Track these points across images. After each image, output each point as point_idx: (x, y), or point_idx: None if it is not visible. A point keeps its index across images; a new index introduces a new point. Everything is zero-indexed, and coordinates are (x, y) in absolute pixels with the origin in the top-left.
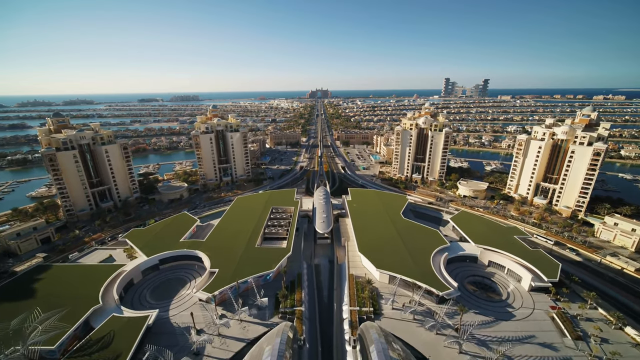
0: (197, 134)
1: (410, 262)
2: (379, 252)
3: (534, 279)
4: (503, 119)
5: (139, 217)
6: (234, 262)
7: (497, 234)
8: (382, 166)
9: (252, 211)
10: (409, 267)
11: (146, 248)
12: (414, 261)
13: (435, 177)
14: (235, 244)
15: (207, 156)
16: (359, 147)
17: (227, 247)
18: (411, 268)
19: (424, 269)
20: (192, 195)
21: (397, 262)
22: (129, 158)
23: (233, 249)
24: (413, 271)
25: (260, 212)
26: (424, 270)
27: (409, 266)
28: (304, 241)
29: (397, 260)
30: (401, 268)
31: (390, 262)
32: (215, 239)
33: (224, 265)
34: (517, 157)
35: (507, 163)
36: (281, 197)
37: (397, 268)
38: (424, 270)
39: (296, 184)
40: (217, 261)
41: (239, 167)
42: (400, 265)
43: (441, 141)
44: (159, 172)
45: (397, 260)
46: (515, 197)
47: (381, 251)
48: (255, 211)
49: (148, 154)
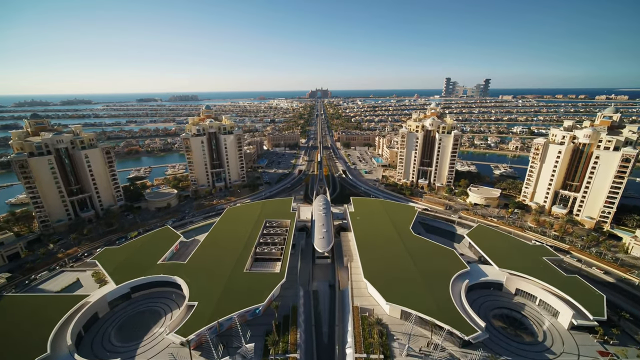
0: (188, 137)
1: (425, 292)
2: (388, 278)
3: (575, 316)
4: (507, 119)
5: (122, 228)
6: (217, 292)
7: (523, 255)
8: (385, 170)
9: (243, 225)
10: (425, 299)
11: (117, 273)
12: (430, 291)
13: (443, 182)
14: (220, 268)
15: (199, 160)
16: (360, 149)
17: (211, 271)
18: (427, 301)
19: (443, 301)
20: (182, 203)
21: (410, 291)
22: (112, 163)
23: (217, 274)
24: (430, 305)
25: (252, 227)
26: (443, 304)
27: (424, 298)
28: (301, 260)
29: (409, 290)
30: (415, 300)
31: (401, 292)
32: (199, 260)
33: (205, 296)
34: (534, 162)
35: (516, 166)
36: (276, 207)
37: (411, 300)
38: (443, 304)
39: (294, 190)
40: (197, 291)
41: (233, 171)
42: (414, 297)
43: (450, 144)
44: (150, 176)
45: (410, 289)
46: (531, 205)
47: (390, 277)
48: (246, 225)
49: (141, 156)
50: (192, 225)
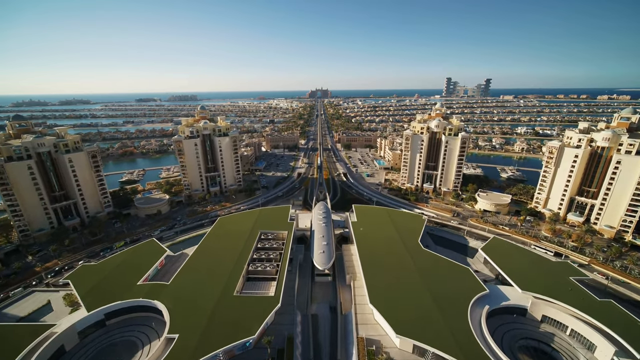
0: (180, 139)
1: (441, 322)
2: (397, 303)
3: (618, 353)
4: (510, 119)
5: (108, 238)
6: (201, 321)
7: (546, 273)
8: (388, 173)
9: (235, 237)
10: (441, 330)
11: (91, 295)
12: (446, 320)
13: (450, 187)
14: (207, 290)
15: (192, 164)
16: (362, 151)
17: (197, 294)
18: (444, 333)
19: (462, 334)
20: (174, 209)
21: (423, 321)
22: (99, 167)
23: (204, 298)
24: (447, 339)
25: (245, 239)
26: (463, 337)
27: (440, 329)
28: (299, 277)
29: (422, 318)
30: (430, 332)
31: (413, 322)
32: (184, 280)
33: (188, 327)
34: (548, 166)
35: (523, 169)
36: (273, 215)
37: (425, 332)
38: (462, 337)
39: (292, 195)
40: (179, 320)
41: (229, 175)
42: (427, 327)
43: (457, 147)
44: (143, 180)
45: (423, 317)
46: (545, 213)
47: (399, 302)
48: (239, 237)
49: (135, 158)
50: (181, 236)
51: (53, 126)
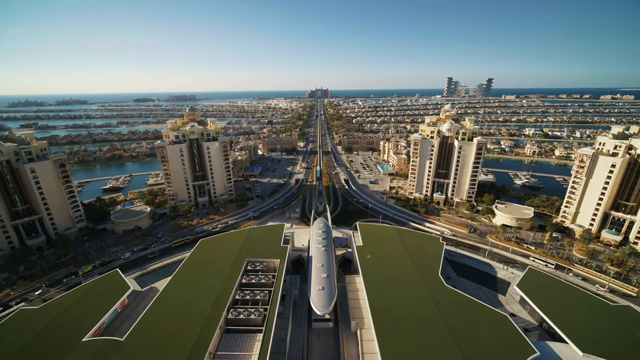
0: (164, 145)
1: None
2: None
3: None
4: (516, 120)
5: (75, 260)
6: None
7: (606, 322)
8: (393, 179)
9: (216, 268)
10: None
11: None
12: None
13: (463, 197)
14: (172, 351)
15: (177, 172)
16: (364, 154)
17: (159, 356)
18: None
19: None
20: (157, 223)
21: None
22: (68, 177)
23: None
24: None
25: (228, 271)
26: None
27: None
28: (292, 322)
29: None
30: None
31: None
32: (144, 335)
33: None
34: (578, 176)
35: (538, 175)
36: (264, 237)
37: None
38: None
39: (289, 206)
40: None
41: (219, 184)
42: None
43: (472, 153)
44: (129, 187)
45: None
46: (574, 228)
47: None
48: (221, 268)
49: (124, 161)
50: (156, 263)
51: (45, 127)
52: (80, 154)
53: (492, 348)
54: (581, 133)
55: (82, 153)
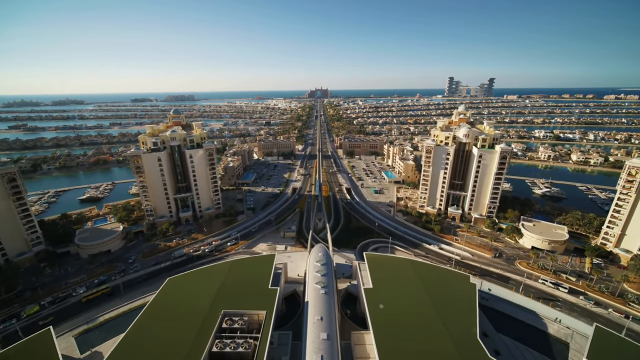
0: (139, 154)
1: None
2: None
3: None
4: (522, 121)
5: (23, 296)
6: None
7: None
8: (400, 188)
9: (182, 324)
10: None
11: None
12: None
13: (483, 213)
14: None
15: (156, 183)
16: (366, 159)
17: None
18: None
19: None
20: (130, 244)
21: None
22: (20, 194)
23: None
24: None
25: (196, 330)
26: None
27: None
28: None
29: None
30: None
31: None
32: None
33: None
34: (626, 193)
35: (560, 182)
36: (249, 274)
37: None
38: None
39: (284, 221)
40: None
41: (204, 196)
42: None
43: (494, 163)
44: (109, 197)
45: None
46: (618, 254)
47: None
48: (188, 325)
49: (110, 166)
50: (109, 310)
51: (34, 128)
52: (62, 158)
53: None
54: (594, 135)
55: (64, 158)
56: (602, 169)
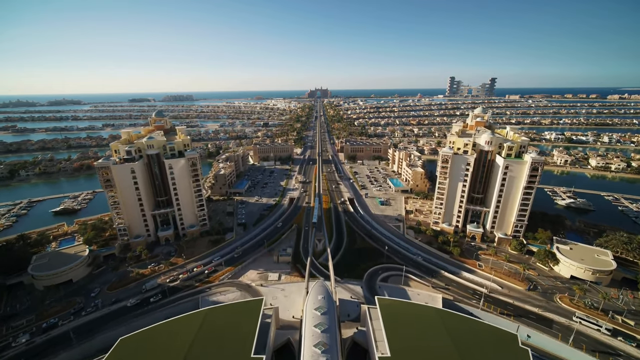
0: (107, 165)
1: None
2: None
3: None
4: (529, 122)
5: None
6: None
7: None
8: (408, 198)
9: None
10: None
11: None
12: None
13: (508, 232)
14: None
15: (130, 199)
16: (369, 164)
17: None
18: None
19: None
20: (97, 271)
21: None
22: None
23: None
24: None
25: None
26: None
27: None
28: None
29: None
30: None
31: None
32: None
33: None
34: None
35: (581, 191)
36: (227, 329)
37: None
38: None
39: (279, 241)
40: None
41: (187, 212)
42: None
43: (522, 175)
44: (87, 208)
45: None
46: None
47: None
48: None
49: (94, 172)
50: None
51: (23, 130)
52: (42, 163)
53: None
54: (609, 137)
55: (45, 163)
56: (625, 175)
